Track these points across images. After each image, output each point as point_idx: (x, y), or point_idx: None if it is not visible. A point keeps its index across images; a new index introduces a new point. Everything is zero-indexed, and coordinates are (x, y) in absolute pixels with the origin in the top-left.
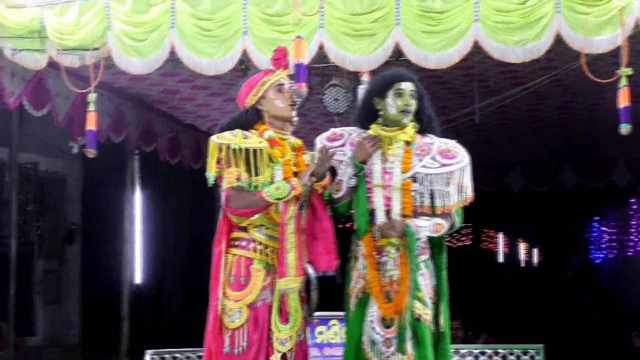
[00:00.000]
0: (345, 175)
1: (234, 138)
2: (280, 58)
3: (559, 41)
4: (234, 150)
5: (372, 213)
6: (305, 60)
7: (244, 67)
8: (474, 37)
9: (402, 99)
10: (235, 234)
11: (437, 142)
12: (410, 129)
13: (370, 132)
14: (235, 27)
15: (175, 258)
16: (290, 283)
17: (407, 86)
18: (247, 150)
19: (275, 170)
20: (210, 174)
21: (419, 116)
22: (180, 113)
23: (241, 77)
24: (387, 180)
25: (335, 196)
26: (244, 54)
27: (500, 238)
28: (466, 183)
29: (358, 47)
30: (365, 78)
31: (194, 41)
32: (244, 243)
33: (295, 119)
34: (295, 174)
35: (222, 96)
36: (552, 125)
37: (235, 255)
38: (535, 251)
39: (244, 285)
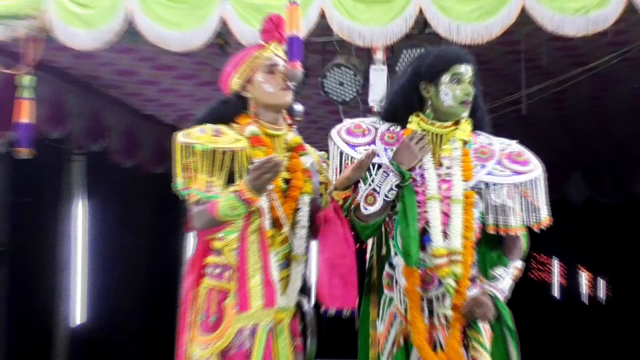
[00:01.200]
0: (384, 184)
1: (202, 136)
2: (271, 29)
3: (631, 8)
4: (201, 152)
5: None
6: (301, 32)
7: (222, 41)
8: (520, 3)
9: (461, 86)
10: (209, 258)
11: (498, 143)
12: (467, 125)
13: (410, 126)
14: None
15: (131, 290)
16: (258, 317)
17: (467, 70)
18: (216, 152)
19: None
20: (178, 183)
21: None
22: (138, 101)
23: (218, 54)
24: (445, 190)
25: (366, 211)
26: (222, 24)
27: (556, 265)
28: (541, 198)
29: (370, 15)
30: (379, 56)
31: (157, 7)
32: (217, 270)
33: (300, 108)
34: (288, 181)
35: (193, 79)
36: (622, 117)
37: (206, 286)
38: (601, 283)
39: (215, 326)
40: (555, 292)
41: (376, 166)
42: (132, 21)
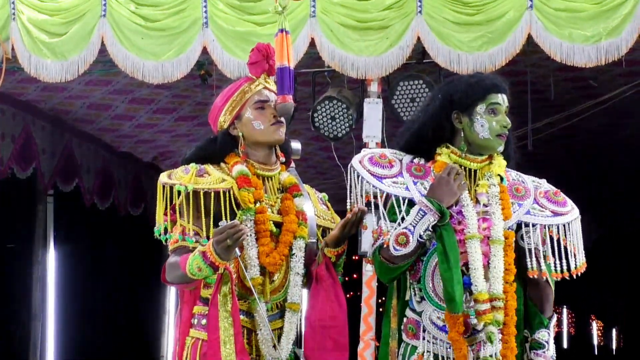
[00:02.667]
0: (420, 223)
1: (184, 176)
2: (260, 60)
3: None
4: (184, 194)
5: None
6: (291, 63)
7: (204, 72)
8: (526, 31)
9: (498, 117)
10: (197, 307)
11: (530, 181)
12: (501, 159)
13: (442, 159)
14: (193, 17)
15: (108, 345)
16: None
17: (503, 100)
18: (199, 193)
19: (245, 220)
20: (158, 227)
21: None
22: (113, 137)
23: (199, 86)
24: (484, 230)
25: (397, 252)
26: (204, 53)
27: (564, 313)
28: (578, 242)
29: (364, 44)
30: (374, 88)
31: (133, 35)
32: (204, 321)
33: (297, 146)
34: (279, 225)
35: (174, 113)
36: (637, 150)
37: (192, 337)
38: (614, 332)
39: None
40: (564, 343)
41: (405, 201)
42: (106, 50)
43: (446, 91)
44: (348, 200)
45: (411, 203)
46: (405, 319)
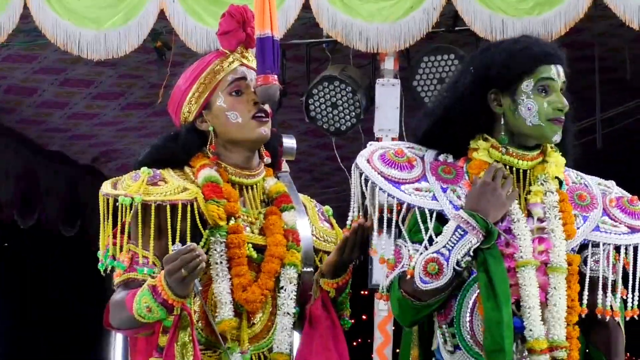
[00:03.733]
0: (458, 246)
1: (132, 185)
2: (235, 28)
3: None
4: (130, 207)
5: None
6: (278, 31)
7: (161, 44)
8: None
9: (551, 97)
10: None
11: (594, 183)
12: (559, 155)
13: (479, 156)
14: None
15: None
16: None
17: (558, 73)
18: (149, 207)
19: (213, 244)
20: (106, 253)
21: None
22: (38, 131)
23: (155, 63)
24: (541, 254)
25: (427, 286)
26: (161, 19)
27: None
28: None
29: (376, 6)
30: (390, 66)
31: None
32: None
33: (291, 143)
34: (261, 249)
35: (120, 99)
36: None
37: None
38: None
39: None
40: None
41: (433, 215)
42: (29, 15)
43: (480, 63)
44: (350, 214)
45: (440, 217)
46: None
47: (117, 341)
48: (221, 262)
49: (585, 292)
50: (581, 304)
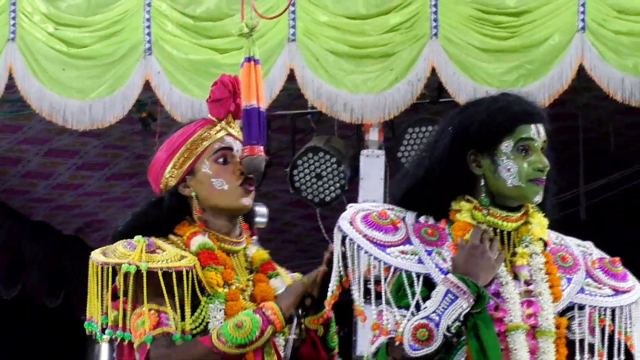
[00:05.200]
0: (449, 311)
1: (129, 253)
2: (225, 97)
3: None
4: (134, 275)
5: None
6: (263, 103)
7: (146, 115)
8: (577, 61)
9: (532, 157)
10: None
11: (573, 245)
12: (541, 216)
13: (462, 218)
14: (131, 40)
15: None
16: None
17: (538, 132)
18: (155, 274)
19: (212, 311)
20: (95, 321)
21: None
22: (23, 201)
23: (140, 133)
24: (530, 317)
25: (417, 352)
26: (147, 89)
27: None
28: (637, 331)
29: (361, 78)
30: (374, 137)
31: (52, 66)
32: None
33: (263, 210)
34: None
35: (106, 169)
36: None
37: None
38: None
39: None
40: None
41: (420, 279)
42: (14, 85)
43: (459, 123)
44: (332, 280)
45: (426, 281)
46: None
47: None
48: None
49: (580, 356)
50: None
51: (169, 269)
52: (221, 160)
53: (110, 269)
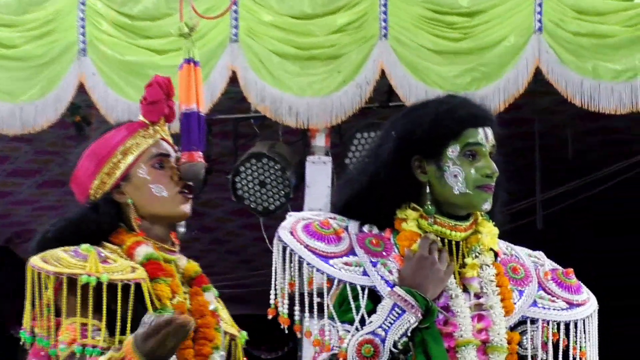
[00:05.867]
0: (396, 326)
1: (81, 261)
2: (160, 100)
3: None
4: (90, 287)
5: None
6: (203, 107)
7: (80, 118)
8: (534, 63)
9: (480, 162)
10: None
11: (524, 255)
12: (491, 225)
13: (408, 227)
14: (65, 41)
15: None
16: None
17: (486, 136)
18: (111, 286)
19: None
20: (26, 329)
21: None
22: None
23: (74, 138)
24: (481, 332)
25: None
26: (81, 92)
27: None
28: (592, 346)
29: (307, 80)
30: (321, 142)
31: None
32: None
33: (180, 227)
34: (195, 332)
35: (37, 176)
36: None
37: None
38: None
39: None
40: None
41: (365, 291)
42: None
43: (402, 127)
44: (272, 293)
45: (372, 294)
46: None
47: None
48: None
49: None
50: None
51: (129, 281)
52: (158, 165)
53: (65, 280)
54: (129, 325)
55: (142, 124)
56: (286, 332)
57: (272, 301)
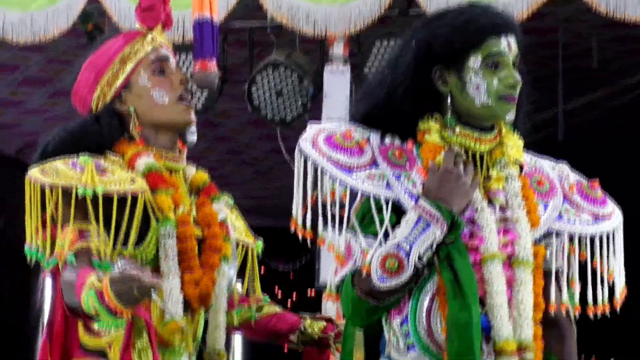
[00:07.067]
0: (421, 240)
1: (79, 173)
2: (153, 6)
3: None
4: (80, 198)
5: None
6: (217, 15)
7: (92, 26)
8: None
9: (502, 72)
10: None
11: (548, 167)
12: (516, 136)
13: (431, 139)
14: None
15: None
16: None
17: (509, 45)
18: (107, 198)
19: (163, 237)
20: (31, 244)
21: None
22: None
23: (86, 47)
24: (506, 246)
25: (385, 284)
26: (94, 0)
27: None
28: (618, 259)
29: None
30: (339, 51)
31: None
32: None
33: (192, 135)
34: (201, 242)
35: (48, 86)
36: None
37: None
38: None
39: None
40: None
41: (389, 204)
42: None
43: (422, 37)
44: (294, 206)
45: (396, 208)
46: None
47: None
48: (172, 257)
49: (555, 287)
50: (548, 300)
51: (125, 193)
52: (158, 71)
53: (59, 191)
54: (132, 235)
55: (139, 32)
56: (307, 244)
57: (294, 214)
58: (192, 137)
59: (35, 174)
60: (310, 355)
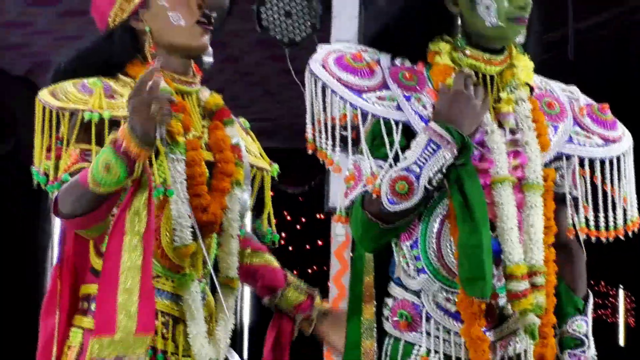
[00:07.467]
0: (431, 162)
1: (87, 96)
2: None
3: None
4: (86, 122)
5: None
6: None
7: None
8: None
9: None
10: (87, 287)
11: (558, 89)
12: (527, 59)
13: (441, 61)
14: None
15: None
16: (125, 347)
17: None
18: (115, 122)
19: (172, 162)
20: (39, 167)
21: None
22: None
23: None
24: (516, 169)
25: (396, 207)
26: None
27: (621, 298)
28: (630, 183)
29: None
30: None
31: None
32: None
33: (208, 56)
34: (211, 166)
35: (58, 5)
36: None
37: (84, 329)
38: None
39: None
40: (620, 337)
41: (399, 126)
42: None
43: None
44: (308, 129)
45: (406, 130)
46: (392, 301)
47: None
48: (181, 182)
49: (564, 211)
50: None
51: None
52: None
53: (68, 115)
54: (138, 165)
55: None
56: (320, 166)
57: (308, 135)
58: (208, 58)
59: (45, 96)
60: (277, 320)
